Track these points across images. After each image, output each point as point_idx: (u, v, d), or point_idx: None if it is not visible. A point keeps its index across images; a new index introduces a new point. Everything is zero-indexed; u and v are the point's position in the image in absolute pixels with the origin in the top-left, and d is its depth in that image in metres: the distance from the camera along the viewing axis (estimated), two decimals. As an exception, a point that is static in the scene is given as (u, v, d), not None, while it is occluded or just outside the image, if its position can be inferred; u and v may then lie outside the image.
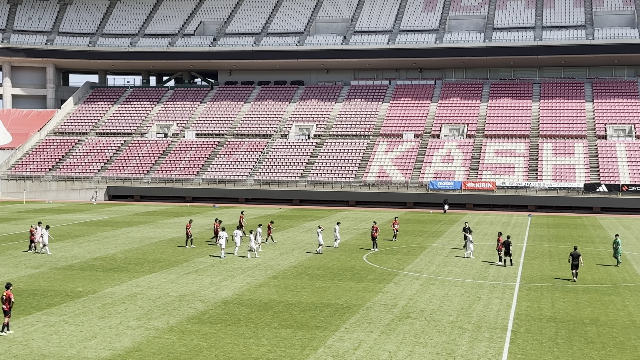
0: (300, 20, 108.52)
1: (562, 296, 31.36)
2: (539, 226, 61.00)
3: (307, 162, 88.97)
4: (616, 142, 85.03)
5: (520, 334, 24.93)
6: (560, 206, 76.89)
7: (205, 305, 29.08)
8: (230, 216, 67.07)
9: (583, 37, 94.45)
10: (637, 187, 76.20)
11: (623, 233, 56.10)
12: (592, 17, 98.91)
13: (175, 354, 22.34)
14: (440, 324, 26.27)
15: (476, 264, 39.68)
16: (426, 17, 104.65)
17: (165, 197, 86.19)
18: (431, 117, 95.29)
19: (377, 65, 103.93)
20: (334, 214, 70.66)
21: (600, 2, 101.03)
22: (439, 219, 66.81)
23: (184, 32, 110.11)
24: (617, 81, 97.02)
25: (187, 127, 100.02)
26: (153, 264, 39.14)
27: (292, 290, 32.26)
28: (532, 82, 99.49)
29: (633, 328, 25.93)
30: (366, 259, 41.54)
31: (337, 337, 24.36)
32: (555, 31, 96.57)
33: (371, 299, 30.51)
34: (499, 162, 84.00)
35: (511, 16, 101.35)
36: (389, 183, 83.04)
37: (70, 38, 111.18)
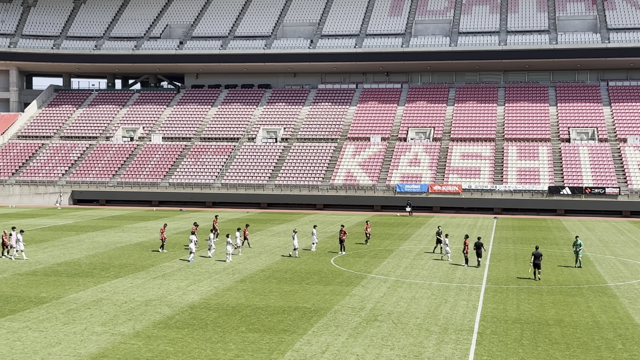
0: (267, 24, 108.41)
1: (527, 298, 31.70)
2: (505, 228, 61.62)
3: (274, 165, 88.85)
4: (579, 145, 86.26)
5: (486, 336, 25.14)
6: (525, 208, 77.75)
7: (172, 310, 28.86)
8: (196, 220, 66.63)
9: (547, 41, 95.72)
10: (599, 190, 77.35)
11: (586, 235, 56.93)
12: (555, 22, 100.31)
13: (141, 360, 22.15)
14: (408, 326, 26.38)
15: (443, 267, 39.95)
16: (393, 21, 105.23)
17: (132, 201, 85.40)
18: (398, 120, 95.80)
19: (344, 69, 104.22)
20: (302, 218, 70.65)
21: (564, 7, 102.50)
22: (405, 221, 67.14)
23: (150, 35, 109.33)
24: (580, 85, 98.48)
25: (154, 131, 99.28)
26: (119, 268, 38.76)
27: (259, 294, 32.17)
28: (497, 86, 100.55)
29: (596, 329, 26.30)
30: (334, 262, 41.59)
31: (305, 341, 24.34)
32: (520, 36, 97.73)
33: (339, 302, 30.55)
34: (465, 165, 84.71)
35: (476, 21, 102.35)
36: (356, 186, 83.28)
37: (33, 41, 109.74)
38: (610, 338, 25.02)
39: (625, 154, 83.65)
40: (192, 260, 41.17)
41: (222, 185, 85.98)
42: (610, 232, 59.43)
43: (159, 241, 49.17)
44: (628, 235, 57.71)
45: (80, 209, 79.34)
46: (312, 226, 48.63)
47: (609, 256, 45.19)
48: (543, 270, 38.85)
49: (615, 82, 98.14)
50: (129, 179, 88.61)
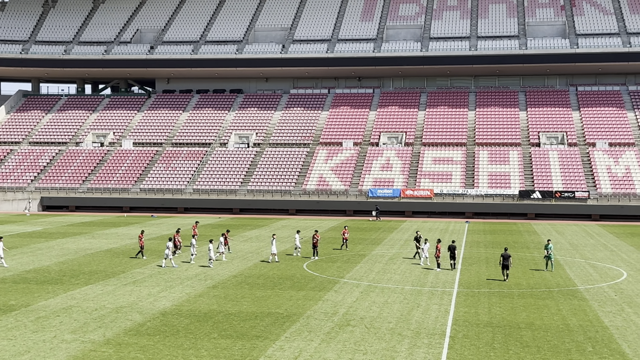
0: (239, 29, 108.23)
1: (499, 301, 31.94)
2: (476, 232, 62.05)
3: (246, 170, 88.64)
4: (549, 149, 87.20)
5: (458, 340, 25.27)
6: (496, 212, 78.40)
7: (143, 316, 28.63)
8: (169, 226, 66.26)
9: (516, 47, 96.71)
10: (569, 194, 78.25)
11: (556, 238, 57.53)
12: (525, 28, 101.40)
13: (112, 368, 21.93)
14: (380, 331, 26.43)
15: (415, 271, 40.10)
16: (364, 26, 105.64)
17: (102, 207, 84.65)
18: (370, 125, 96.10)
19: (316, 74, 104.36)
20: (274, 223, 70.52)
21: (533, 13, 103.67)
22: (378, 226, 67.33)
23: (121, 39, 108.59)
24: (549, 90, 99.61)
25: (124, 136, 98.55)
26: (89, 275, 38.36)
27: (231, 300, 32.03)
28: (468, 91, 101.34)
29: (567, 332, 26.56)
30: (306, 267, 41.55)
31: (278, 347, 24.28)
32: (490, 41, 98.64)
33: (311, 307, 30.52)
34: (437, 169, 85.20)
35: (447, 26, 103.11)
36: (328, 191, 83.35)
37: (1, 45, 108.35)
38: (581, 341, 25.29)
39: (594, 158, 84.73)
40: (164, 265, 40.92)
41: (194, 190, 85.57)
42: (580, 236, 60.12)
43: (131, 248, 48.78)
44: (597, 238, 58.42)
45: (49, 215, 78.44)
46: (296, 231, 48.20)
47: (578, 259, 45.70)
48: (514, 273, 39.20)
49: (584, 87, 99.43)
50: (99, 184, 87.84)
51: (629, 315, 29.29)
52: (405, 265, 42.18)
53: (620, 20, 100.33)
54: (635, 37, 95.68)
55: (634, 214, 75.79)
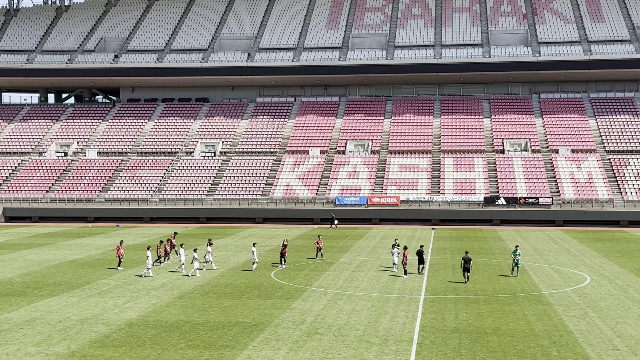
0: (204, 37, 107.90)
1: (465, 307, 32.16)
2: (442, 239, 62.44)
3: (213, 179, 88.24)
4: (513, 156, 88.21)
5: (425, 346, 25.38)
6: (461, 219, 79.02)
7: (109, 328, 28.29)
8: (134, 236, 65.65)
9: (480, 55, 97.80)
10: (533, 200, 79.18)
11: (521, 244, 58.12)
12: (488, 36, 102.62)
13: (77, 380, 21.62)
14: (348, 338, 26.45)
15: (382, 278, 40.21)
16: (330, 34, 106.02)
17: (66, 217, 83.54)
18: (336, 133, 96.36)
19: (282, 82, 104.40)
20: (241, 232, 70.25)
21: (496, 21, 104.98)
22: (345, 234, 67.42)
23: (84, 48, 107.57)
24: (513, 97, 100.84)
25: (89, 146, 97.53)
26: (53, 287, 37.82)
27: (199, 309, 31.81)
28: (433, 99, 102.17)
29: (532, 336, 26.83)
30: (274, 275, 41.44)
31: (245, 356, 24.17)
32: (454, 49, 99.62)
33: (279, 316, 30.43)
34: (403, 177, 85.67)
35: (412, 35, 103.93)
36: (295, 199, 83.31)
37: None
38: (546, 345, 25.56)
39: (557, 164, 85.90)
40: (143, 275, 41.06)
41: (160, 200, 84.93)
42: (544, 241, 60.83)
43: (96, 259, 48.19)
44: (561, 244, 59.17)
45: (12, 227, 77.20)
46: (252, 244, 47.39)
47: (543, 265, 46.23)
48: (480, 279, 39.54)
49: (546, 94, 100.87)
50: (63, 195, 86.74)
51: (592, 320, 29.68)
52: (373, 273, 42.29)
53: (581, 28, 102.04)
54: (595, 45, 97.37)
55: (597, 219, 76.96)
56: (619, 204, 78.85)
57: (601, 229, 73.62)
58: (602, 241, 61.05)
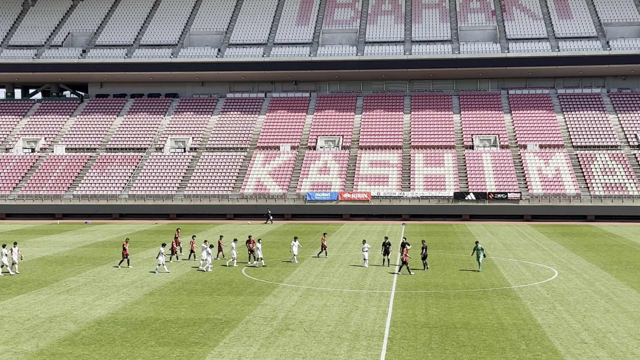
0: (173, 32, 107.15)
1: (435, 302, 32.40)
2: (413, 234, 62.79)
3: (183, 175, 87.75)
4: (482, 152, 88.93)
5: (396, 341, 25.53)
6: (432, 214, 79.54)
7: (78, 326, 28.04)
8: (103, 232, 65.08)
9: (450, 51, 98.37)
10: (502, 195, 79.93)
11: (490, 239, 58.69)
12: (457, 32, 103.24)
13: (46, 379, 21.41)
14: (319, 334, 26.51)
15: (353, 274, 40.35)
16: (300, 30, 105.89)
17: (34, 214, 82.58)
18: (307, 129, 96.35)
19: (253, 78, 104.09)
20: (212, 228, 69.99)
21: (465, 17, 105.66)
22: (315, 229, 67.46)
23: (51, 43, 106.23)
24: (482, 94, 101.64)
25: (56, 142, 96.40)
26: (20, 284, 37.36)
27: (169, 306, 31.66)
28: (404, 95, 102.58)
29: (501, 330, 27.12)
30: (245, 272, 41.37)
31: (216, 353, 24.11)
32: (424, 45, 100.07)
33: (250, 312, 30.40)
34: (374, 172, 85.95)
35: (382, 30, 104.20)
36: (266, 195, 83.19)
37: None
38: (515, 339, 25.85)
39: (525, 159, 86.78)
40: (157, 272, 41.21)
41: (130, 196, 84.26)
42: (512, 236, 61.46)
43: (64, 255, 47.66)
44: (529, 238, 59.83)
45: (-22, 224, 76.08)
46: (233, 240, 46.57)
47: (512, 259, 46.71)
48: (450, 274, 39.88)
49: (515, 90, 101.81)
50: (30, 191, 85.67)
51: (560, 313, 30.08)
52: (344, 268, 42.42)
53: (549, 25, 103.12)
54: (563, 42, 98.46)
55: (564, 214, 77.97)
56: (586, 198, 79.93)
57: (569, 223, 74.57)
58: (570, 235, 61.86)
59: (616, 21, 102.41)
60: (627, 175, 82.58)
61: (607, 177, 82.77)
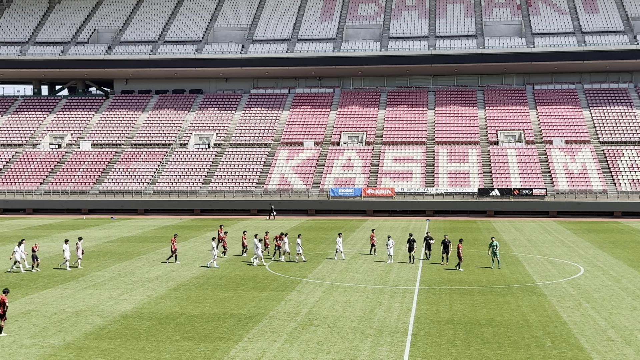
0: (198, 29, 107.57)
1: (460, 298, 32.25)
2: (437, 230, 62.52)
3: (207, 171, 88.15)
4: (507, 147, 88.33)
5: (420, 337, 25.45)
6: (456, 210, 79.16)
7: (104, 320, 28.30)
8: (129, 228, 65.59)
9: (474, 46, 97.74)
10: (527, 191, 79.35)
11: (515, 235, 58.30)
12: (482, 27, 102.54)
13: (72, 373, 21.64)
14: (343, 330, 26.50)
15: (377, 270, 40.30)
16: (324, 26, 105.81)
17: (60, 209, 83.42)
18: (331, 125, 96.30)
19: (277, 74, 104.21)
20: (236, 224, 70.24)
21: (490, 12, 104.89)
22: (340, 225, 67.45)
23: (77, 40, 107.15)
24: (507, 89, 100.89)
25: (82, 138, 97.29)
26: (47, 279, 37.78)
27: (194, 301, 31.83)
28: (428, 90, 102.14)
29: (526, 327, 26.93)
30: (269, 267, 41.47)
31: (241, 348, 24.21)
32: (448, 40, 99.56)
33: (274, 307, 30.47)
34: (397, 168, 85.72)
35: (406, 26, 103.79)
36: (290, 191, 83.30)
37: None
38: (540, 336, 25.67)
39: (550, 155, 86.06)
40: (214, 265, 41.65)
41: (154, 192, 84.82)
42: (538, 232, 61.00)
43: (90, 251, 48.09)
44: (555, 235, 59.35)
45: (6, 219, 77.04)
46: (297, 235, 46.32)
47: (537, 256, 46.37)
48: (475, 271, 39.69)
49: (540, 85, 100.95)
50: (57, 187, 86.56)
51: (586, 310, 29.81)
52: (368, 264, 42.38)
53: (575, 19, 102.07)
54: (589, 36, 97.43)
55: (590, 210, 77.20)
56: (613, 195, 79.09)
57: (595, 220, 73.85)
58: (596, 232, 61.26)
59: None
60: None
61: (634, 173, 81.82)
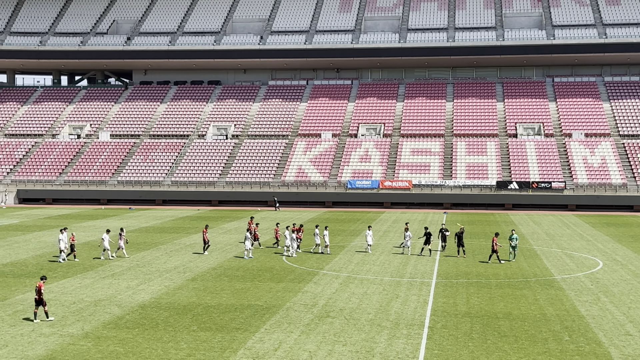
0: (216, 20, 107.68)
1: (477, 292, 32.16)
2: (454, 223, 62.31)
3: (225, 162, 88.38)
4: (526, 140, 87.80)
5: (436, 330, 25.42)
6: (474, 203, 78.87)
7: (122, 310, 28.50)
8: (147, 219, 65.94)
9: (494, 38, 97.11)
10: (546, 184, 78.88)
11: (533, 229, 58.00)
12: (502, 19, 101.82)
13: (91, 361, 21.82)
14: (360, 322, 26.51)
15: (394, 262, 40.26)
16: (342, 17, 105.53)
17: (79, 199, 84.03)
18: (348, 116, 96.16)
19: (295, 65, 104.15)
20: (254, 214, 70.34)
21: (510, 4, 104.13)
22: (357, 217, 67.44)
23: (97, 30, 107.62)
24: (526, 81, 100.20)
25: (101, 128, 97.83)
26: (67, 268, 38.09)
27: (211, 292, 31.97)
28: (446, 82, 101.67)
29: (544, 321, 26.81)
30: (286, 259, 41.55)
31: (257, 339, 24.29)
32: (467, 32, 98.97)
33: (291, 299, 30.54)
34: (415, 160, 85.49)
35: (425, 17, 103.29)
36: (307, 183, 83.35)
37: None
38: (557, 330, 25.54)
39: (570, 148, 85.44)
40: (288, 254, 42.29)
41: (172, 182, 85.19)
42: (556, 226, 60.65)
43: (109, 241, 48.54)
44: (574, 228, 58.98)
45: (25, 208, 77.73)
46: (324, 227, 45.59)
47: (555, 249, 46.12)
48: (492, 264, 39.55)
49: (560, 78, 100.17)
50: (76, 177, 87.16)
51: (604, 305, 29.62)
52: (385, 257, 42.35)
53: (596, 11, 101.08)
54: (610, 29, 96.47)
55: (610, 204, 76.63)
56: (633, 188, 78.43)
57: (614, 213, 73.30)
58: (615, 226, 60.81)
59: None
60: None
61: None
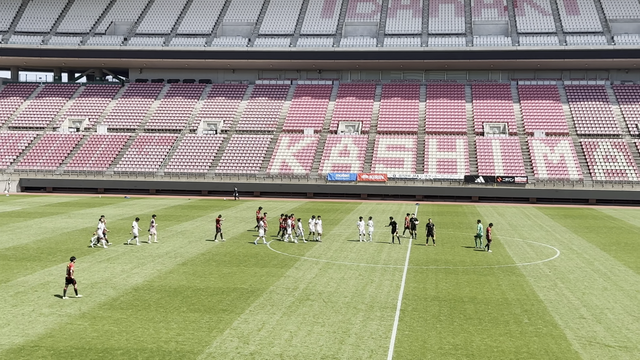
0: (207, 23, 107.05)
1: (445, 277, 32.34)
2: (425, 214, 62.60)
3: (214, 155, 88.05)
4: (492, 138, 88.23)
5: (408, 313, 25.56)
6: (443, 195, 79.20)
7: (117, 292, 28.38)
8: (141, 207, 65.61)
9: (463, 44, 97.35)
10: (509, 179, 79.37)
11: (497, 220, 58.39)
12: (471, 26, 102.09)
13: (87, 339, 21.72)
14: (337, 304, 26.59)
15: (369, 250, 40.37)
16: (324, 22, 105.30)
17: (78, 188, 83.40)
18: (329, 114, 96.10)
19: (280, 66, 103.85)
20: (241, 204, 70.27)
21: (479, 12, 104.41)
22: (336, 207, 67.51)
23: (95, 31, 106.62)
24: (493, 84, 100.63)
25: (99, 122, 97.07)
26: (65, 253, 37.83)
27: (200, 276, 31.91)
28: (419, 84, 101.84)
29: (505, 305, 27.04)
30: (270, 246, 41.53)
31: (242, 319, 24.30)
32: (439, 38, 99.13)
33: (274, 283, 30.56)
34: (390, 156, 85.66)
35: (401, 24, 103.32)
36: (290, 175, 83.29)
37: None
38: (518, 313, 25.77)
39: (532, 146, 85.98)
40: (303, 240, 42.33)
41: (165, 173, 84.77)
42: (518, 217, 61.08)
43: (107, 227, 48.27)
44: (534, 219, 59.44)
45: (28, 196, 77.05)
46: (317, 217, 44.94)
47: (517, 239, 46.46)
48: (459, 252, 39.75)
49: (524, 81, 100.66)
50: (75, 167, 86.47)
51: (561, 290, 29.92)
52: (361, 245, 42.45)
53: (557, 20, 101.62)
54: (570, 36, 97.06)
55: (567, 197, 77.30)
56: (588, 183, 79.15)
57: (571, 206, 73.96)
58: (572, 218, 61.36)
59: (621, 17, 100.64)
60: (627, 163, 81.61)
61: (608, 164, 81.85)
